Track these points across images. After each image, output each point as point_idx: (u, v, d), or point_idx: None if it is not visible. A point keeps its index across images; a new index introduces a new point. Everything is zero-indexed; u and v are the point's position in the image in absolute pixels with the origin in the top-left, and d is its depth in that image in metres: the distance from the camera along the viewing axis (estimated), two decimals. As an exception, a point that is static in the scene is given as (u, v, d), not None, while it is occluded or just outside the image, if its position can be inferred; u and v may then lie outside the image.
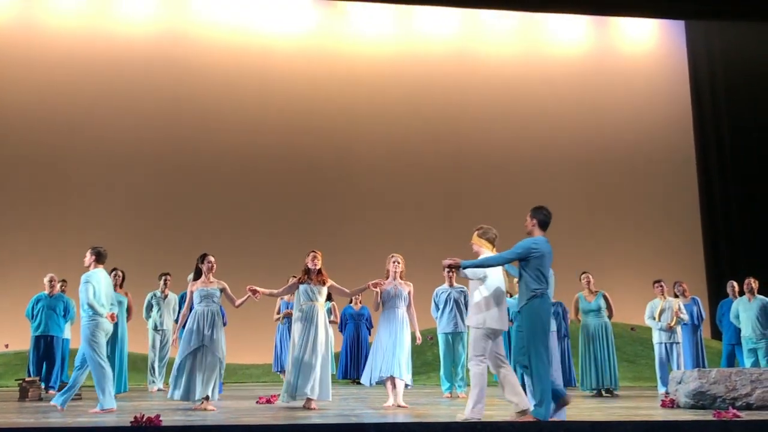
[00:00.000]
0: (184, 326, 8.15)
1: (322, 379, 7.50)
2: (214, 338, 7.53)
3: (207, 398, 7.43)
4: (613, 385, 9.95)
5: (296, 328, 7.64)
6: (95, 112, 15.50)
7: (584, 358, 10.09)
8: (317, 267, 7.77)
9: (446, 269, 6.56)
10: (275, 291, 8.10)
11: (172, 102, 15.84)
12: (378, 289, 7.80)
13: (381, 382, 7.87)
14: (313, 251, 7.86)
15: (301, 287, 7.76)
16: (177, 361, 7.51)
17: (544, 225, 6.46)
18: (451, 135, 16.76)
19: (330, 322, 9.48)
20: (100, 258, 7.67)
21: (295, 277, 9.41)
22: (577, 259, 15.06)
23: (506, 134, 16.96)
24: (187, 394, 7.41)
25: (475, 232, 6.73)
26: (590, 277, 10.25)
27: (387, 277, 7.94)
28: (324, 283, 7.76)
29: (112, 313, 7.55)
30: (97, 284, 7.43)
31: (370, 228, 15.64)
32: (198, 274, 7.88)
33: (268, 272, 9.95)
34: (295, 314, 7.75)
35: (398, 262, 7.95)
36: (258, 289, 7.69)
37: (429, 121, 16.67)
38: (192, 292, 7.80)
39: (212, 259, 7.86)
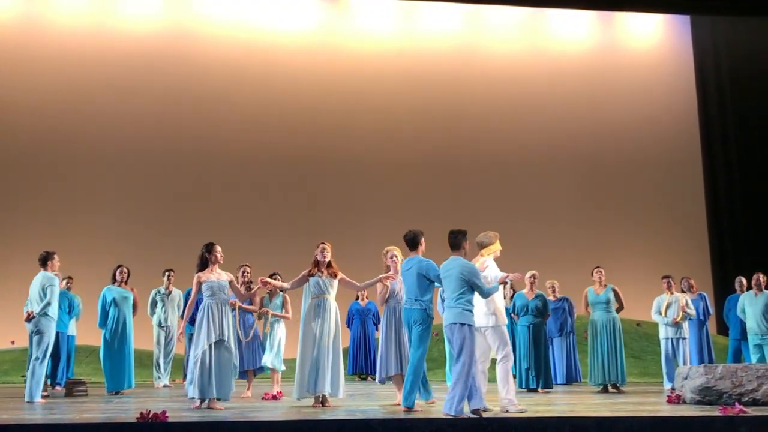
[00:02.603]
0: (190, 321, 7.99)
1: (334, 374, 7.33)
2: (229, 334, 7.23)
3: (213, 399, 7.13)
4: (620, 380, 9.92)
5: (307, 322, 7.44)
6: (98, 109, 15.52)
7: (592, 353, 10.08)
8: (327, 259, 7.57)
9: None
10: (285, 284, 7.80)
11: (175, 99, 15.85)
12: (387, 284, 7.62)
13: (390, 379, 7.77)
14: (323, 243, 7.65)
15: (311, 280, 7.52)
16: (193, 357, 7.14)
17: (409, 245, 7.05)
18: (455, 131, 16.75)
19: (282, 316, 9.07)
20: (41, 263, 8.68)
21: (269, 279, 8.78)
22: (583, 256, 15.04)
23: (510, 130, 16.94)
24: (209, 392, 7.06)
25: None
26: (602, 271, 10.24)
27: (387, 272, 7.76)
28: (335, 276, 7.55)
29: (28, 312, 8.50)
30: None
31: (374, 223, 15.61)
32: (204, 265, 7.42)
33: (273, 267, 9.90)
34: (308, 308, 7.55)
35: (395, 257, 7.70)
36: (269, 280, 7.50)
37: (433, 116, 16.65)
38: (200, 284, 7.32)
39: (220, 249, 7.44)
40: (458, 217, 16.07)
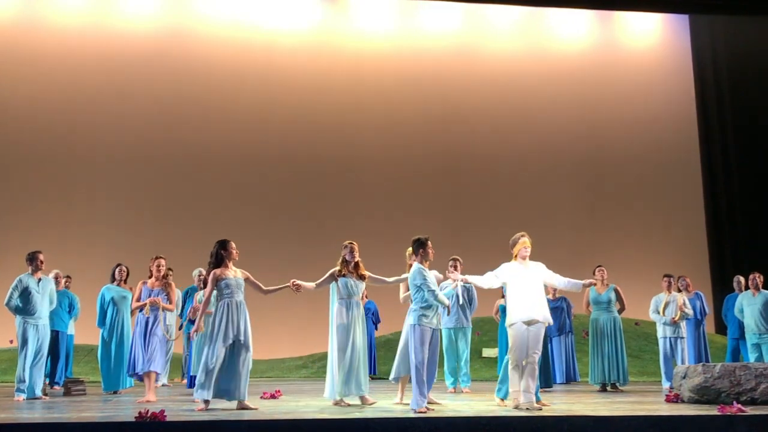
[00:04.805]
0: (190, 320, 7.74)
1: (364, 375, 7.33)
2: (247, 332, 7.02)
3: (241, 401, 6.90)
4: (621, 380, 9.94)
5: (339, 324, 7.30)
6: (98, 108, 15.52)
7: (593, 353, 10.10)
8: (356, 259, 7.44)
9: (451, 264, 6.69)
10: (312, 284, 7.43)
11: (175, 98, 15.85)
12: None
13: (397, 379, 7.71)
14: (350, 242, 7.48)
15: (341, 281, 7.36)
16: (210, 356, 6.83)
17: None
18: (453, 130, 16.76)
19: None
20: (26, 263, 8.87)
21: (300, 282, 7.48)
22: (580, 255, 15.08)
23: (509, 129, 16.96)
24: (222, 393, 6.86)
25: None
26: (604, 271, 10.25)
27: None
28: (363, 278, 7.43)
29: None
30: None
31: (374, 221, 15.63)
32: (218, 262, 7.13)
33: (271, 267, 9.90)
34: (337, 309, 7.39)
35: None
36: (300, 283, 7.28)
37: (432, 115, 16.66)
38: (217, 281, 7.02)
39: (234, 245, 7.20)
40: (456, 216, 16.18)
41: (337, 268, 7.47)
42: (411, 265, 7.61)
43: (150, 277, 8.58)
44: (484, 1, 17.11)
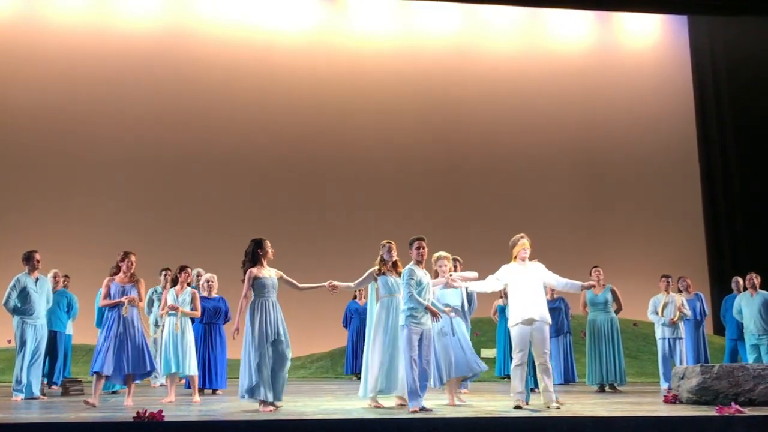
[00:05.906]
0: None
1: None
2: (285, 331, 7.03)
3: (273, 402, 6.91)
4: (618, 380, 9.94)
5: (381, 322, 7.25)
6: (98, 107, 15.51)
7: (590, 354, 10.10)
8: (394, 258, 7.40)
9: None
10: (351, 284, 7.50)
11: (175, 97, 15.85)
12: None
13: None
14: (388, 241, 7.46)
15: (381, 279, 7.33)
16: (256, 357, 6.83)
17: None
18: (452, 131, 16.76)
19: (191, 313, 8.72)
20: (23, 262, 8.93)
21: (336, 282, 7.53)
22: (579, 256, 15.05)
23: (508, 130, 16.96)
24: (277, 393, 6.90)
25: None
26: (601, 271, 10.26)
27: (435, 277, 7.64)
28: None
29: None
30: None
31: (372, 221, 15.61)
32: (254, 261, 7.17)
33: (272, 266, 9.87)
34: (379, 308, 7.34)
35: (444, 264, 7.68)
36: (336, 284, 7.32)
37: (431, 116, 16.65)
38: (253, 280, 7.04)
39: (269, 244, 7.26)
40: (456, 216, 16.17)
41: (376, 267, 7.44)
42: (436, 271, 7.70)
43: (115, 274, 8.07)
44: (484, 2, 17.12)
